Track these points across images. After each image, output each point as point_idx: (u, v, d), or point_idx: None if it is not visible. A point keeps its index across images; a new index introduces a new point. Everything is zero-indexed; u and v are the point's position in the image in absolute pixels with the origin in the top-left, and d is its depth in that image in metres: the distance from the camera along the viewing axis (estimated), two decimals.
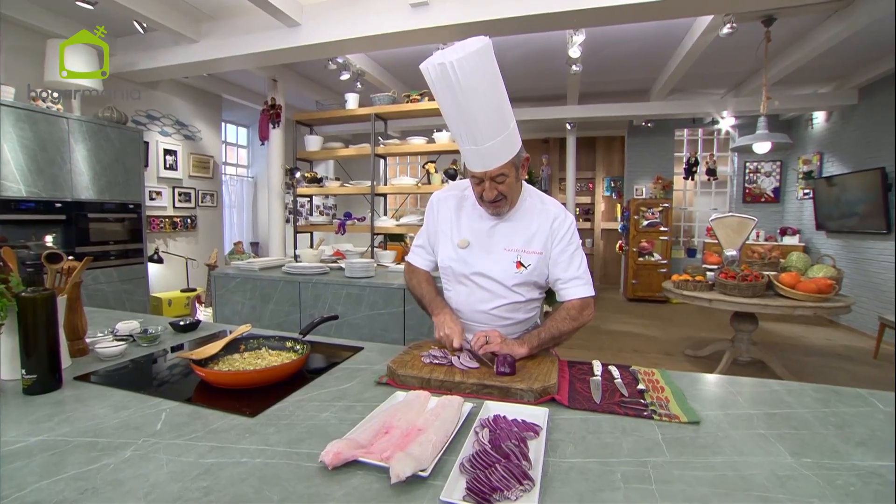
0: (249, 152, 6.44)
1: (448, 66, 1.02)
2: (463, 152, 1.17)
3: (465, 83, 1.03)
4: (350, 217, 4.32)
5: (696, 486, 0.66)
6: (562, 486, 0.65)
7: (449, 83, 1.04)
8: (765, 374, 3.61)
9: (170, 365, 1.23)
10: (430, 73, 1.07)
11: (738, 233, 3.71)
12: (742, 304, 3.20)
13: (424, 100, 3.86)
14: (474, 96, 1.05)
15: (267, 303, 2.93)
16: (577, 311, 1.24)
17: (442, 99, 1.10)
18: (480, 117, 1.08)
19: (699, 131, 7.25)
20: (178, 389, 1.05)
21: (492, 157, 1.13)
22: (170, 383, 1.10)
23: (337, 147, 4.13)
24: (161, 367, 1.22)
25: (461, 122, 1.11)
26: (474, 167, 1.17)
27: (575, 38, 3.35)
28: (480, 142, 1.11)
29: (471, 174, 1.20)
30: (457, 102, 1.07)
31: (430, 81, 1.08)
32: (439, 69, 1.03)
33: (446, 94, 1.07)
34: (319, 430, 0.82)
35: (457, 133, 1.14)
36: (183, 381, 1.10)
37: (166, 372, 1.18)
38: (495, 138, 1.11)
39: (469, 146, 1.13)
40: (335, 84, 5.46)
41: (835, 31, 3.69)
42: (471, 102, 1.06)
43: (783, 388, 1.05)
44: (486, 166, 1.15)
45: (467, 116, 1.08)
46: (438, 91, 1.09)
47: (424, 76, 1.09)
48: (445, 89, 1.06)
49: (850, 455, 0.77)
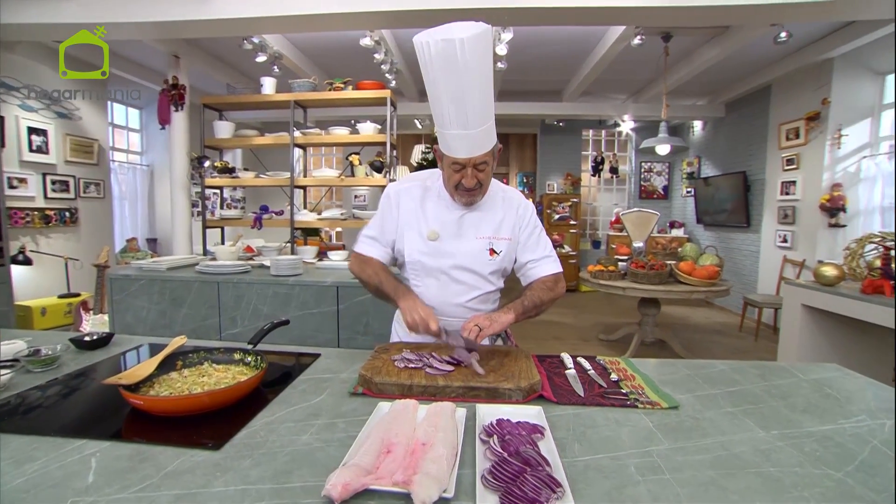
0: (144, 137, 5.58)
1: (456, 43, 0.97)
2: (446, 137, 1.12)
3: (468, 63, 0.99)
4: (267, 211, 3.98)
5: (702, 469, 0.70)
6: (586, 486, 0.65)
7: (451, 61, 0.99)
8: (665, 352, 4.07)
9: (82, 392, 1.00)
10: (430, 48, 1.01)
11: (644, 226, 4.12)
12: (651, 290, 3.56)
13: (349, 88, 3.67)
14: (474, 78, 1.03)
15: (179, 307, 2.58)
16: (552, 284, 1.28)
17: (437, 78, 1.04)
18: (475, 101, 1.06)
19: (602, 132, 7.92)
20: (104, 425, 0.85)
21: (479, 143, 1.11)
22: (89, 417, 0.89)
23: (252, 135, 3.76)
24: (73, 397, 0.99)
25: (454, 105, 1.06)
26: (459, 153, 1.12)
27: (503, 35, 3.42)
28: (471, 126, 1.08)
29: (450, 161, 1.15)
30: (454, 82, 1.03)
31: (428, 57, 1.02)
32: (442, 45, 0.98)
33: (444, 73, 1.02)
34: (306, 457, 0.72)
35: (445, 116, 1.09)
36: (106, 413, 0.90)
37: (80, 403, 0.95)
38: (484, 125, 1.10)
39: (458, 131, 1.09)
40: (247, 67, 4.96)
41: (713, 53, 4.25)
42: (469, 84, 1.03)
43: (728, 367, 1.17)
44: (473, 152, 1.12)
45: (462, 99, 1.05)
46: (435, 69, 1.03)
47: (417, 51, 1.04)
48: (444, 67, 1.01)
49: (802, 423, 0.87)
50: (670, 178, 7.65)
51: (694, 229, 6.85)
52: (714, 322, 5.40)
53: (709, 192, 6.16)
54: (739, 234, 5.70)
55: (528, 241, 1.30)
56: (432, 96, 1.09)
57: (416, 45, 1.03)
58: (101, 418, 0.88)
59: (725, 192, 5.76)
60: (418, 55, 1.05)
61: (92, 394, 1.00)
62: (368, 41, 3.50)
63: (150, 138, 5.52)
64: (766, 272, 5.18)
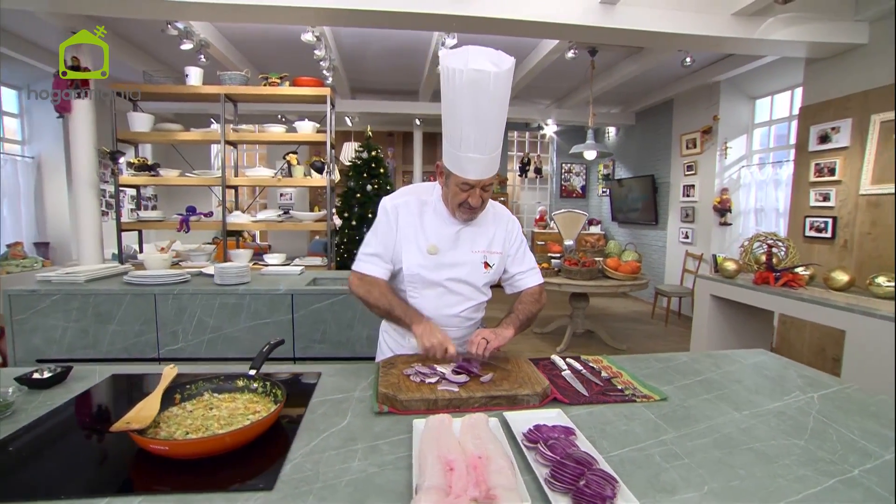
0: (25, 124, 4.74)
1: (491, 76, 1.03)
2: (461, 159, 1.16)
3: (496, 94, 1.06)
4: (195, 212, 3.66)
5: (709, 451, 0.84)
6: (628, 478, 0.74)
7: (481, 90, 1.05)
8: (594, 341, 4.48)
9: (67, 442, 0.89)
10: (461, 76, 1.04)
11: (574, 225, 4.48)
12: (584, 286, 3.89)
13: (285, 84, 3.50)
14: (497, 108, 1.09)
15: (106, 323, 2.31)
16: (538, 295, 1.40)
17: (462, 103, 1.08)
18: (495, 128, 1.13)
19: (527, 134, 8.37)
20: (111, 476, 0.77)
21: (491, 166, 1.18)
22: (92, 470, 0.79)
23: (175, 129, 3.42)
24: (56, 448, 0.86)
25: (475, 130, 1.10)
26: (472, 175, 1.17)
27: (448, 41, 3.48)
28: (487, 151, 1.14)
29: (459, 181, 1.19)
30: (480, 110, 1.08)
31: (456, 83, 1.06)
32: (476, 75, 1.03)
33: (471, 100, 1.07)
34: (368, 485, 0.73)
35: (463, 139, 1.12)
36: (110, 462, 0.81)
37: (70, 455, 0.84)
38: (497, 150, 1.17)
39: (474, 154, 1.14)
40: (166, 54, 4.47)
41: (631, 69, 4.73)
42: (493, 113, 1.09)
43: (688, 358, 1.37)
44: (485, 174, 1.18)
45: (484, 126, 1.10)
46: (460, 94, 1.07)
47: (445, 75, 1.07)
48: (473, 95, 1.06)
49: (761, 402, 1.07)
50: (587, 178, 8.33)
51: (609, 226, 7.54)
52: (631, 311, 6.03)
53: (622, 193, 6.82)
54: (649, 231, 6.41)
55: (517, 254, 1.40)
56: (452, 119, 1.12)
57: (445, 69, 1.07)
58: (110, 469, 0.80)
59: (637, 192, 6.43)
60: (445, 78, 1.09)
61: (78, 442, 0.89)
62: (310, 36, 3.36)
63: (36, 126, 4.72)
64: (671, 265, 5.90)
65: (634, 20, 3.23)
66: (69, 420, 0.98)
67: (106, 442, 0.89)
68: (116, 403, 1.10)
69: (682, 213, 5.59)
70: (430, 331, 1.20)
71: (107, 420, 0.97)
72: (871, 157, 3.38)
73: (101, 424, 0.95)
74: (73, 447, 0.87)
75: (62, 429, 0.94)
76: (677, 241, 5.72)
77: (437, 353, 1.17)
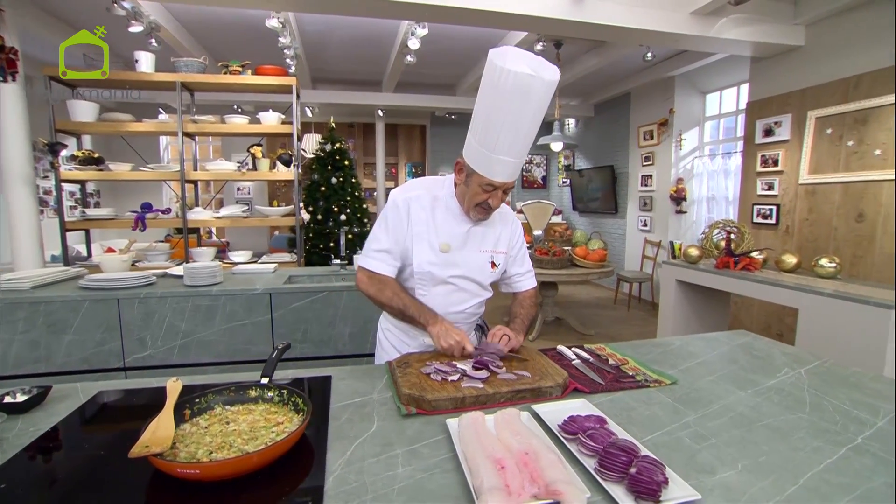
0: None
1: (543, 84, 1.03)
2: (491, 160, 1.14)
3: (541, 102, 1.06)
4: (151, 209, 3.42)
5: (730, 430, 0.89)
6: (668, 462, 0.77)
7: (528, 95, 1.04)
8: (563, 328, 4.63)
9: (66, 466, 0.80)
10: (509, 77, 1.02)
11: (542, 216, 4.58)
12: (554, 275, 4.00)
13: (247, 73, 3.32)
14: (536, 114, 1.09)
15: (61, 333, 2.12)
16: (534, 299, 1.45)
17: (503, 106, 1.06)
18: (530, 133, 1.13)
19: None
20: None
21: (517, 170, 1.18)
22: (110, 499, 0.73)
23: (125, 119, 3.16)
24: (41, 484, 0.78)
25: (511, 133, 1.09)
26: (499, 177, 1.16)
27: (418, 31, 3.42)
28: (518, 155, 1.14)
29: (483, 182, 1.17)
30: (522, 115, 1.07)
31: (503, 84, 1.03)
32: (527, 80, 1.01)
33: (517, 104, 1.05)
34: (421, 491, 0.71)
35: (498, 141, 1.10)
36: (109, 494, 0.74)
37: (62, 489, 0.76)
38: (526, 154, 1.17)
39: (504, 157, 1.13)
40: (109, 37, 4.06)
41: (593, 62, 4.87)
42: (533, 118, 1.09)
43: (682, 342, 1.44)
44: (511, 178, 1.19)
45: (522, 131, 1.10)
46: (505, 96, 1.04)
47: (492, 72, 1.04)
48: (519, 98, 1.04)
49: (757, 381, 1.14)
50: (548, 169, 8.53)
51: (570, 215, 7.78)
52: (594, 297, 6.27)
53: (583, 183, 7.05)
54: (609, 220, 6.68)
55: (518, 255, 1.44)
56: (488, 119, 1.10)
57: (493, 68, 1.04)
58: (129, 500, 0.73)
59: (597, 182, 6.67)
60: (490, 77, 1.06)
61: (83, 471, 0.80)
62: (275, 22, 3.19)
63: None
64: (631, 252, 6.18)
65: (601, 15, 3.32)
66: (66, 447, 0.89)
67: (114, 469, 0.81)
68: (115, 424, 1.02)
69: (640, 202, 5.86)
70: (446, 331, 1.20)
71: (109, 443, 0.89)
72: (808, 150, 3.69)
73: (105, 449, 0.87)
74: (78, 477, 0.78)
75: (60, 458, 0.85)
76: (636, 229, 6.00)
77: (455, 352, 1.17)
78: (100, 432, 0.97)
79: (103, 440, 0.91)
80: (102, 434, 0.96)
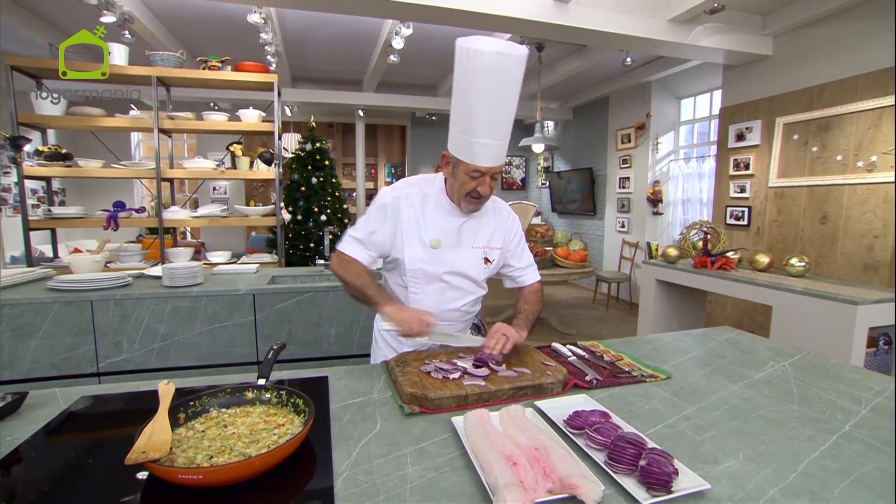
0: None
1: (512, 59, 1.03)
2: (474, 145, 1.13)
3: (514, 78, 1.06)
4: (124, 207, 3.28)
5: (727, 422, 0.91)
6: (674, 453, 0.79)
7: (501, 73, 1.04)
8: (544, 328, 4.68)
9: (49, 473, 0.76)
10: (480, 58, 1.03)
11: (524, 217, 4.62)
12: None
13: (227, 68, 3.23)
14: (514, 92, 1.09)
15: (27, 338, 2.01)
16: (539, 294, 1.43)
17: (481, 87, 1.06)
18: (509, 113, 1.13)
19: None
20: None
21: (501, 153, 1.18)
22: None
23: (96, 114, 3.03)
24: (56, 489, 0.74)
25: (490, 115, 1.09)
26: (484, 161, 1.15)
27: (403, 30, 3.41)
28: (500, 137, 1.14)
29: (469, 169, 1.17)
30: (497, 93, 1.07)
31: (475, 66, 1.04)
32: (497, 58, 1.03)
33: (490, 83, 1.05)
34: (435, 491, 0.70)
35: (478, 124, 1.10)
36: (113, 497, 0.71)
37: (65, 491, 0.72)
38: (508, 137, 1.17)
39: (487, 140, 1.12)
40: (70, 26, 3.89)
41: (573, 66, 4.95)
42: (509, 97, 1.09)
43: (672, 338, 1.48)
44: (497, 161, 1.18)
45: (500, 110, 1.10)
46: (478, 78, 1.05)
47: (462, 57, 1.06)
48: (492, 77, 1.05)
49: (748, 374, 1.18)
50: (527, 171, 8.63)
51: (549, 217, 7.89)
52: (573, 297, 6.37)
53: (561, 185, 7.16)
54: (588, 221, 6.80)
55: (517, 250, 1.42)
56: (466, 104, 1.10)
57: (464, 51, 1.05)
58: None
59: (575, 184, 6.78)
60: (461, 62, 1.06)
61: (73, 480, 0.76)
62: (257, 18, 3.12)
63: None
64: (609, 252, 6.31)
65: (584, 19, 3.38)
66: (50, 456, 0.84)
67: (105, 477, 0.77)
68: (102, 430, 0.97)
69: (618, 204, 5.99)
70: (398, 309, 1.20)
71: (98, 450, 0.85)
72: (777, 155, 3.85)
73: (94, 457, 0.82)
74: (63, 489, 0.74)
75: (48, 468, 0.80)
76: (614, 230, 6.13)
77: (413, 326, 1.15)
78: (86, 439, 0.92)
79: (90, 447, 0.87)
80: (89, 441, 0.91)
